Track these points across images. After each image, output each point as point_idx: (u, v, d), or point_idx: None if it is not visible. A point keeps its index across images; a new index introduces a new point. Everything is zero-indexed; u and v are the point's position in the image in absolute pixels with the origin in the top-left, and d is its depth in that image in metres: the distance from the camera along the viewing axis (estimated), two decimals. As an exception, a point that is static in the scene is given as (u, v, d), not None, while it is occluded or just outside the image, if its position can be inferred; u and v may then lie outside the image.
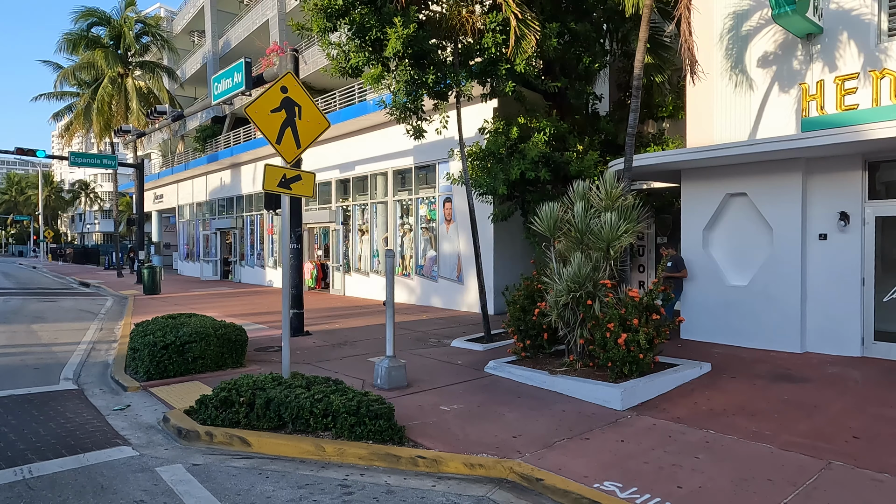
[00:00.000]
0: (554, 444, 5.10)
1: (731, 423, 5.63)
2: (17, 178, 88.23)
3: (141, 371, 7.38)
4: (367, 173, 17.67)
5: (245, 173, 24.59)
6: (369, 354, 8.94)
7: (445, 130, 10.25)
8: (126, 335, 10.83)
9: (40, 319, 13.47)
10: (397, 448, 4.90)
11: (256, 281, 23.72)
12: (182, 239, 31.95)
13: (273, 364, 8.29)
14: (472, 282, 14.14)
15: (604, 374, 6.69)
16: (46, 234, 57.17)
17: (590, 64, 10.00)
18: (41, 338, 10.85)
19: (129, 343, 8.05)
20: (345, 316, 13.44)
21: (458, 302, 14.52)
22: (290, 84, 5.96)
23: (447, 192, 14.85)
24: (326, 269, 20.29)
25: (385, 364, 6.83)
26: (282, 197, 6.14)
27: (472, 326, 11.75)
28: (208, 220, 28.48)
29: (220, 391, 5.56)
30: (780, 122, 8.45)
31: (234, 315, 13.34)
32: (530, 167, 9.57)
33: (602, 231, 6.80)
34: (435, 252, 15.35)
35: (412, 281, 15.99)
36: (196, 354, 7.54)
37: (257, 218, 24.02)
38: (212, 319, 8.45)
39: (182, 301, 17.17)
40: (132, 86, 25.51)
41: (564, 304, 6.85)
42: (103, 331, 12.01)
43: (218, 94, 11.97)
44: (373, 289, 17.33)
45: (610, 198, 6.94)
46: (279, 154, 5.95)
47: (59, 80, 26.71)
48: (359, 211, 18.31)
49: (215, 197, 27.47)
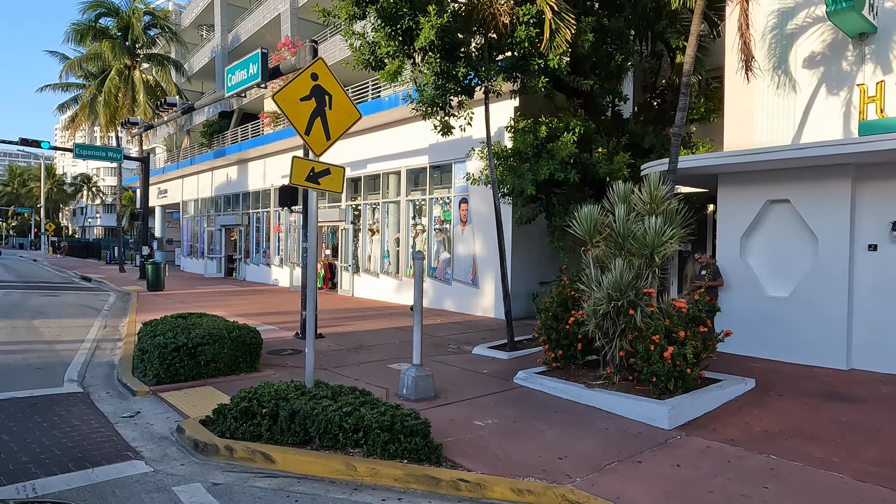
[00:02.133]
0: (604, 467, 4.67)
1: (792, 447, 5.19)
2: (19, 170, 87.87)
3: (150, 374, 6.95)
4: (379, 172, 17.25)
5: (252, 169, 24.18)
6: (388, 360, 8.51)
7: (461, 130, 9.84)
8: (131, 333, 10.42)
9: (42, 315, 13.04)
10: (435, 469, 4.47)
11: (261, 279, 23.29)
12: (186, 235, 31.53)
13: (288, 369, 7.87)
14: (488, 285, 13.72)
15: (644, 389, 6.27)
16: (48, 227, 56.72)
17: (622, 62, 9.59)
18: (43, 334, 10.42)
19: (138, 344, 7.62)
20: (356, 318, 13.01)
21: (472, 306, 14.08)
22: (320, 71, 5.54)
23: (463, 192, 14.43)
24: (334, 268, 19.86)
25: (412, 373, 6.40)
26: (308, 193, 5.73)
27: (490, 332, 11.32)
28: (213, 217, 28.06)
29: (239, 401, 5.13)
30: (828, 125, 8.03)
31: (242, 315, 12.91)
32: (559, 168, 9.15)
33: (646, 236, 6.38)
34: (448, 254, 14.93)
35: (424, 283, 15.55)
36: (209, 358, 7.11)
37: (263, 215, 23.60)
38: (224, 320, 8.03)
39: (187, 299, 16.75)
40: (139, 78, 25.09)
41: (604, 314, 6.42)
42: (107, 328, 11.58)
43: (232, 85, 11.54)
44: (383, 290, 16.90)
45: (654, 201, 6.52)
46: (308, 146, 5.52)
47: (66, 71, 26.29)
48: (369, 210, 17.89)
49: (221, 193, 27.05)
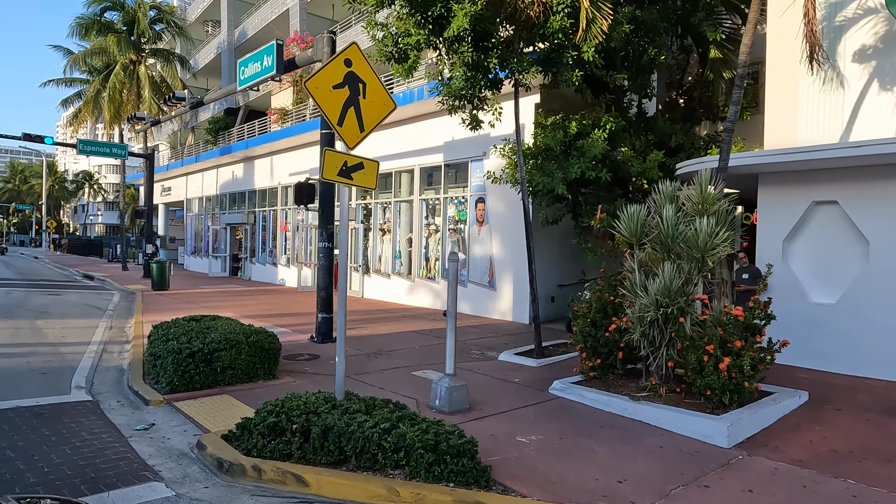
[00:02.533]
0: (671, 492, 4.24)
1: (868, 470, 4.76)
2: (20, 166, 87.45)
3: (163, 381, 6.52)
4: (391, 170, 16.82)
5: (259, 167, 23.74)
6: (411, 367, 8.08)
7: (489, 125, 9.39)
8: (139, 335, 9.99)
9: (45, 315, 12.61)
10: (487, 495, 4.04)
11: (267, 279, 22.86)
12: (189, 233, 31.11)
13: (308, 376, 7.44)
14: (505, 288, 13.29)
15: (694, 403, 5.84)
16: (49, 225, 56.33)
17: (655, 56, 9.16)
18: (47, 336, 9.99)
19: (149, 348, 7.19)
20: (371, 321, 12.58)
21: (488, 309, 13.65)
22: (354, 57, 5.10)
23: (480, 192, 13.99)
24: (343, 269, 19.42)
25: (445, 384, 5.97)
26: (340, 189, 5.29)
27: (512, 337, 10.89)
28: (218, 215, 27.62)
29: (266, 415, 4.70)
30: (880, 123, 7.60)
31: (252, 316, 12.48)
32: (590, 166, 8.72)
33: (697, 239, 5.95)
34: (464, 255, 14.49)
35: (437, 285, 15.13)
36: (226, 364, 6.68)
37: (270, 214, 23.16)
38: (239, 324, 7.61)
39: (193, 299, 16.32)
40: (144, 73, 24.66)
41: (651, 321, 5.99)
42: (113, 329, 11.15)
43: (245, 78, 11.13)
44: (394, 291, 16.46)
45: (706, 201, 6.08)
46: (340, 138, 5.09)
47: (70, 66, 25.86)
48: (380, 210, 17.46)
49: (226, 191, 26.62)
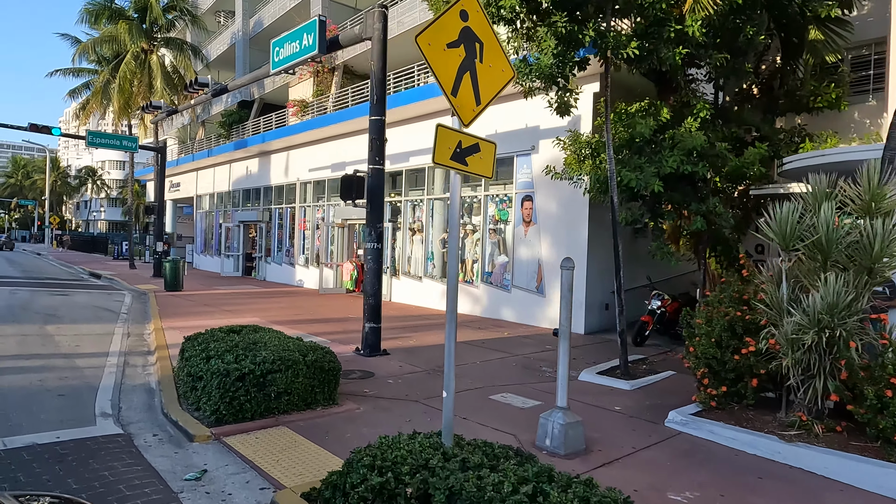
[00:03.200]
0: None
1: None
2: (23, 161, 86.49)
3: (206, 409, 5.42)
4: (423, 165, 15.72)
5: (275, 162, 22.65)
6: (484, 389, 6.97)
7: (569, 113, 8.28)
8: (162, 345, 8.90)
9: (54, 318, 11.51)
10: None
11: (284, 280, 21.76)
12: (199, 231, 30.02)
13: (370, 400, 6.34)
14: (556, 294, 12.17)
15: (865, 446, 4.75)
16: (52, 221, 55.27)
17: (753, 35, 8.05)
18: (59, 344, 8.90)
19: (184, 365, 6.09)
20: (411, 329, 11.47)
21: (536, 316, 12.54)
22: (471, 9, 4.00)
23: (527, 189, 12.89)
24: (367, 270, 18.32)
25: (558, 420, 4.86)
26: (451, 179, 4.15)
27: (574, 349, 9.78)
28: (230, 212, 26.53)
29: (366, 471, 3.58)
30: None
31: (281, 322, 11.38)
32: (685, 160, 7.61)
33: (869, 245, 4.84)
34: (507, 258, 13.39)
35: (476, 289, 14.03)
36: (281, 388, 5.57)
37: (287, 211, 22.07)
38: (288, 337, 6.52)
39: (210, 301, 15.22)
40: (157, 63, 23.56)
41: (811, 345, 4.88)
42: (132, 337, 10.06)
43: (281, 60, 10.03)
44: (426, 295, 15.36)
45: (878, 199, 4.98)
46: (454, 110, 3.98)
47: (78, 55, 24.74)
48: (410, 208, 16.36)
49: (239, 187, 25.53)
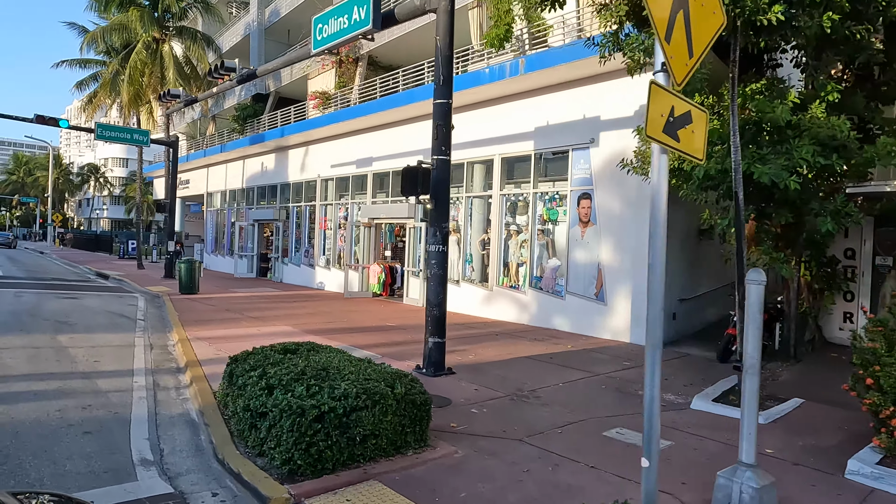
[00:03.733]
0: None
1: None
2: (24, 158, 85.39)
3: (276, 457, 4.25)
4: (462, 160, 14.55)
5: (293, 158, 21.50)
6: (589, 422, 5.81)
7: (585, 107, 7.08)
8: (193, 360, 7.76)
9: (66, 326, 10.37)
10: None
11: (302, 282, 20.60)
12: (210, 230, 28.87)
13: (465, 438, 5.17)
14: (620, 302, 11.02)
15: None
16: (55, 218, 54.12)
17: (890, 4, 6.88)
18: (76, 360, 7.75)
19: (239, 397, 4.92)
20: (461, 339, 10.32)
21: (595, 326, 11.38)
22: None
23: (584, 186, 11.74)
24: (395, 273, 17.20)
25: (750, 483, 3.70)
26: (658, 162, 3.05)
27: (657, 367, 8.63)
28: (243, 210, 25.39)
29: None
30: None
31: (316, 332, 10.24)
32: (818, 150, 6.45)
33: None
34: (558, 261, 12.24)
35: (524, 295, 12.87)
36: (367, 430, 4.42)
37: (306, 209, 20.92)
38: (359, 359, 5.38)
39: (231, 305, 14.07)
40: (169, 53, 22.40)
41: None
42: (155, 350, 8.92)
43: (324, 38, 8.89)
44: (464, 301, 14.19)
45: None
46: (665, 63, 2.84)
47: (86, 45, 23.59)
48: (446, 206, 15.18)
49: (254, 184, 24.38)
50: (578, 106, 11.83)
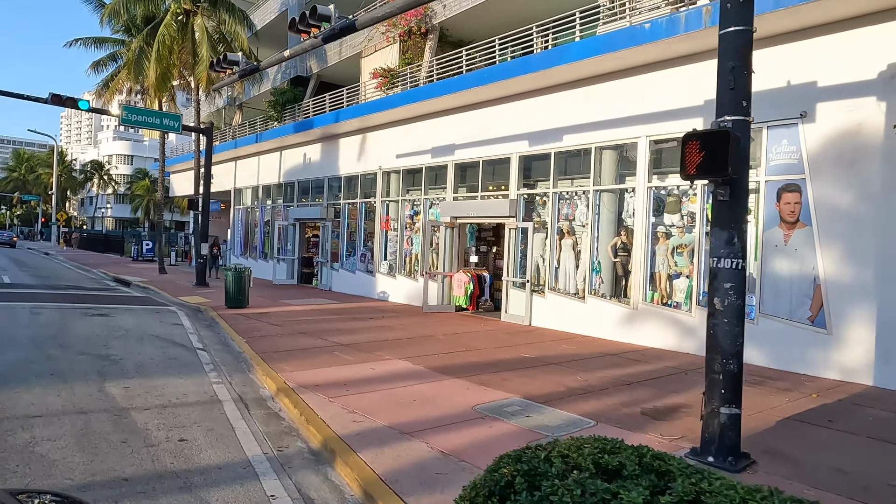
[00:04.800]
0: None
1: None
2: (26, 155, 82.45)
3: None
4: (587, 145, 11.73)
5: (346, 148, 18.67)
6: None
7: (788, 71, 4.24)
8: (332, 436, 4.97)
9: (111, 365, 7.52)
10: None
11: (358, 291, 17.72)
12: (238, 230, 26.01)
13: None
14: (854, 331, 8.16)
15: None
16: (59, 217, 51.19)
17: None
18: (150, 437, 4.89)
19: None
20: (647, 381, 7.46)
21: (810, 361, 8.53)
22: None
23: (789, 174, 8.91)
24: (483, 283, 14.36)
25: None
26: None
27: None
28: (280, 209, 22.57)
29: None
30: None
31: (447, 371, 7.38)
32: None
33: None
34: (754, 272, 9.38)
35: (688, 316, 10.02)
36: None
37: (362, 207, 18.08)
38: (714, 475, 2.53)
39: (300, 325, 11.20)
40: (202, 27, 19.51)
41: None
42: (253, 408, 6.06)
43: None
44: (591, 320, 11.34)
45: None
46: None
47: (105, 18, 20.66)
48: (561, 201, 12.37)
49: (294, 178, 21.54)
50: (776, 69, 9.01)
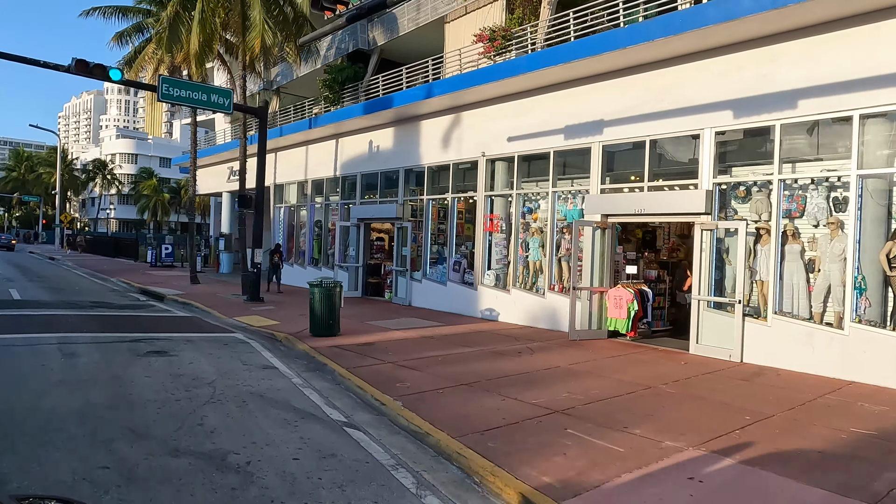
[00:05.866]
0: None
1: None
2: (26, 154, 78.76)
3: None
4: (843, 112, 8.32)
5: (430, 132, 15.24)
6: None
7: None
8: None
9: (244, 485, 4.08)
10: None
11: (450, 307, 14.24)
12: (281, 231, 22.53)
13: None
14: None
15: None
16: (63, 219, 47.64)
17: None
18: None
19: None
20: None
21: None
22: None
23: None
24: (647, 300, 10.94)
25: None
26: None
27: None
28: (336, 206, 19.14)
29: None
30: None
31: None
32: None
33: None
34: None
35: None
36: None
37: (453, 204, 14.66)
38: None
39: (425, 361, 7.70)
40: (253, -17, 16.06)
41: None
42: None
43: None
44: (852, 359, 7.91)
45: None
46: None
47: (132, -22, 17.30)
48: (777, 193, 8.96)
49: (357, 170, 18.08)
50: None
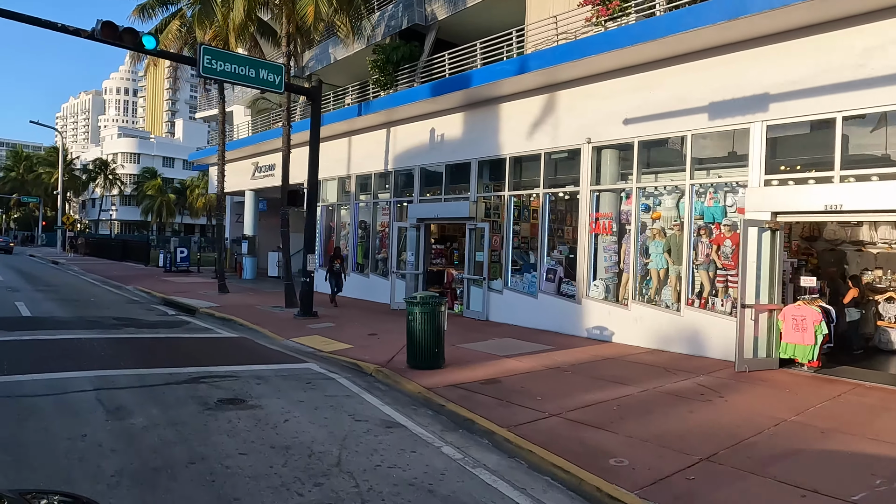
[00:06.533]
0: None
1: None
2: (24, 154, 76.23)
3: None
4: None
5: (512, 117, 12.93)
6: None
7: None
8: None
9: None
10: None
11: (541, 323, 11.88)
12: (319, 234, 20.11)
13: None
14: None
15: None
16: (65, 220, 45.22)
17: None
18: None
19: None
20: None
21: None
22: None
23: None
24: (832, 321, 8.62)
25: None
26: None
27: None
28: (387, 205, 16.78)
29: None
30: None
31: None
32: None
33: None
34: None
35: None
36: None
37: (545, 200, 12.34)
38: None
39: (590, 411, 5.35)
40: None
41: None
42: None
43: None
44: None
45: None
46: None
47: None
48: None
49: (414, 163, 15.75)
50: None
